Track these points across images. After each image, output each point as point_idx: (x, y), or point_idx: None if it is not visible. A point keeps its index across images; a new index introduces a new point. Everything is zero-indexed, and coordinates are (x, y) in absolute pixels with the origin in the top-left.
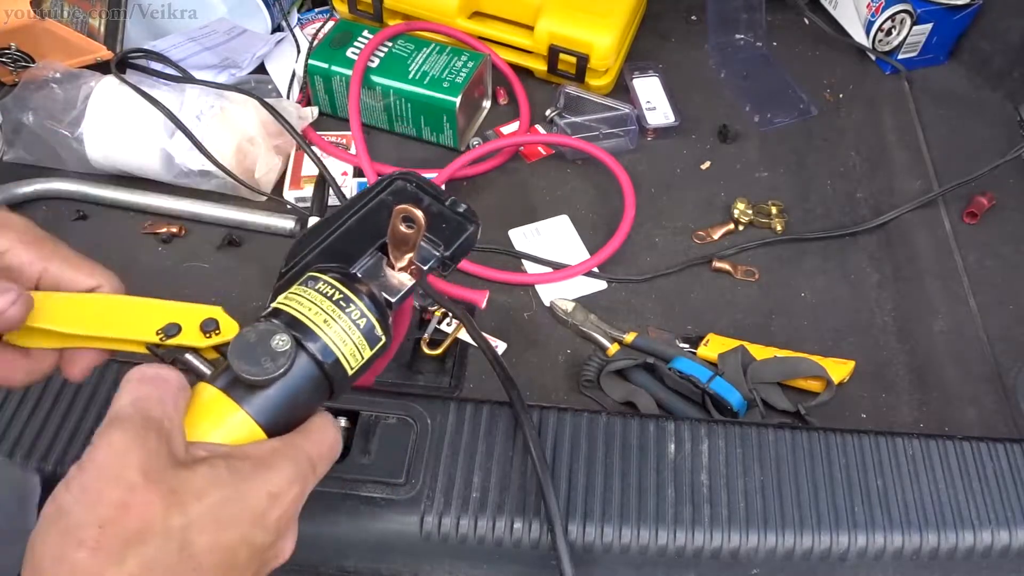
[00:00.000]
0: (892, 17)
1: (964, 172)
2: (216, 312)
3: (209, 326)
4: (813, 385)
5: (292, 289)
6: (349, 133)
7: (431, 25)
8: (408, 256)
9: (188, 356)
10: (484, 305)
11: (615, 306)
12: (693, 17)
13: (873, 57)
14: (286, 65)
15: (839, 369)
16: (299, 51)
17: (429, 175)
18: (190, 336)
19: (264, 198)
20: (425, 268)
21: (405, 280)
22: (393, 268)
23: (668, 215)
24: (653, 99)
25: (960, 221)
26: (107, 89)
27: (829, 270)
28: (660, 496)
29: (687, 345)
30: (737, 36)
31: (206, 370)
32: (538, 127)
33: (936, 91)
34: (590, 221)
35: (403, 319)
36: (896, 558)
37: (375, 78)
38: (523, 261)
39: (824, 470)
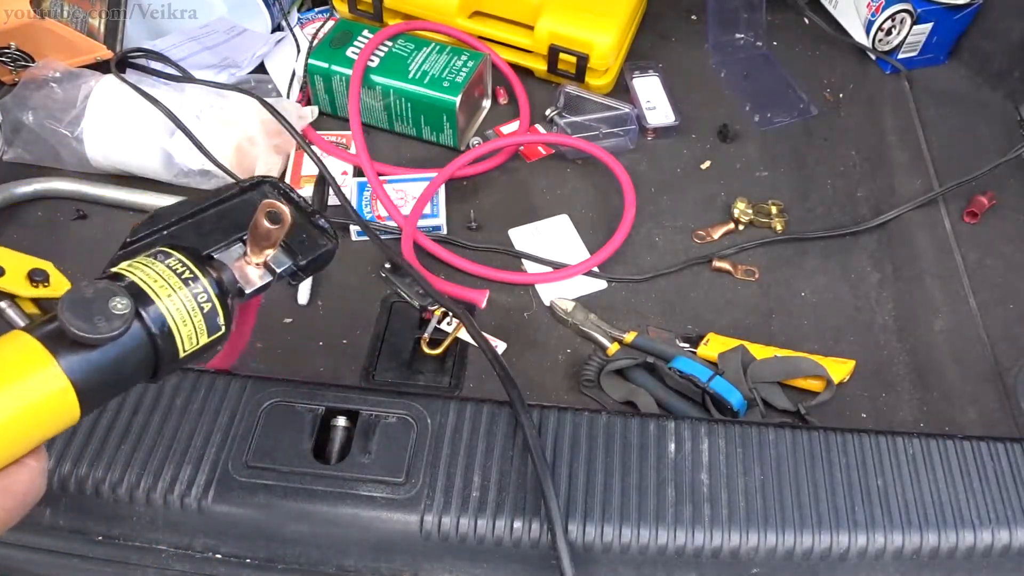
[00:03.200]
0: (892, 17)
1: (964, 171)
2: (47, 266)
3: (37, 276)
4: (813, 385)
5: (139, 258)
6: (349, 133)
7: (431, 24)
8: (267, 252)
9: (2, 304)
10: (484, 305)
11: (615, 306)
12: (693, 16)
13: (873, 57)
14: (286, 65)
15: (839, 368)
16: (299, 51)
17: (429, 175)
18: (13, 282)
19: None
20: (279, 271)
21: (257, 277)
22: (248, 263)
23: (668, 215)
24: (653, 99)
25: (960, 220)
26: (107, 88)
27: (829, 269)
28: (660, 495)
29: (687, 345)
30: (737, 36)
31: (20, 321)
32: (538, 127)
33: (936, 91)
34: (590, 221)
35: (247, 319)
36: (896, 558)
37: (375, 77)
38: (523, 261)
39: (824, 469)
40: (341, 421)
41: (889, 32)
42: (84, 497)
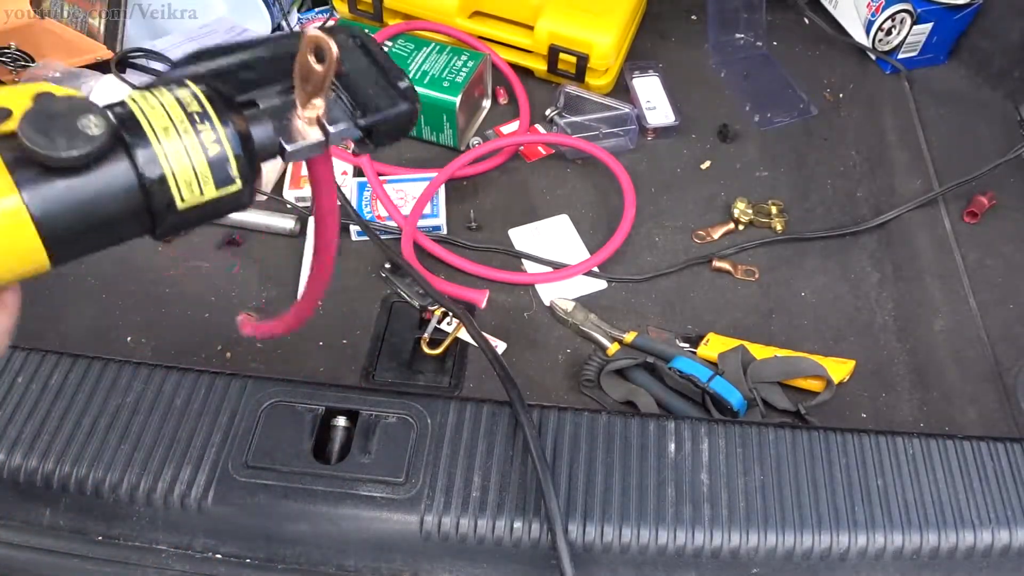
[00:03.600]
0: (892, 17)
1: (964, 171)
2: (50, 87)
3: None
4: (813, 384)
5: (143, 89)
6: None
7: (431, 24)
8: (316, 103)
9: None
10: (484, 305)
11: (615, 306)
12: (693, 17)
13: (873, 57)
14: None
15: (839, 368)
16: None
17: (429, 175)
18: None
19: (264, 197)
20: (333, 130)
21: (309, 133)
22: (300, 117)
23: (668, 215)
24: (653, 99)
25: (960, 220)
26: (107, 88)
27: (829, 269)
28: (660, 495)
29: (687, 345)
30: (737, 36)
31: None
32: (538, 127)
33: (936, 91)
34: (590, 221)
35: (324, 192)
36: (896, 558)
37: None
38: (523, 261)
39: (824, 469)
40: (341, 421)
41: (889, 32)
42: (84, 497)
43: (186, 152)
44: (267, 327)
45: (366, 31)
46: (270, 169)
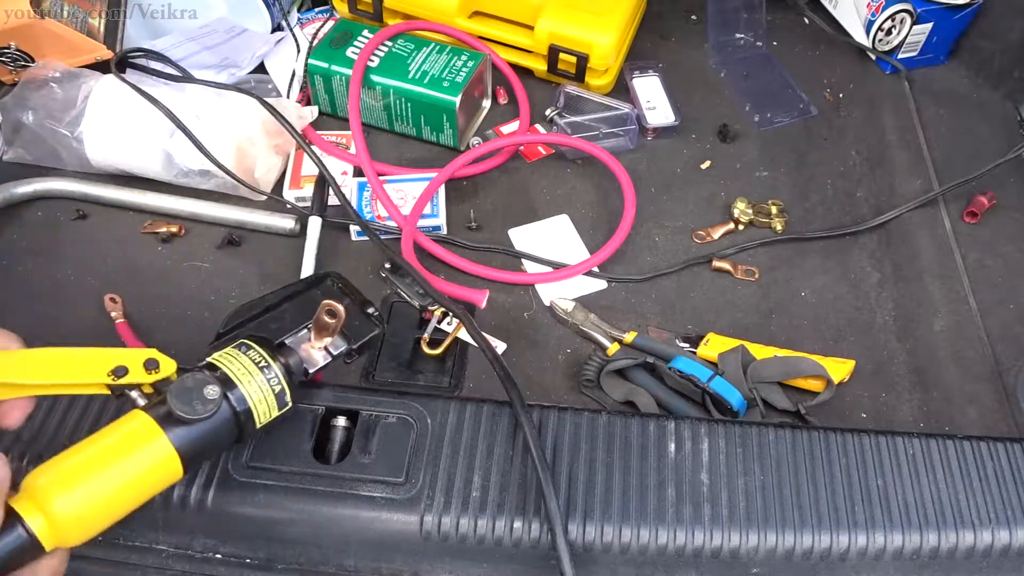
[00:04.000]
0: (892, 17)
1: (964, 171)
2: (154, 353)
3: (151, 365)
4: (813, 385)
5: (227, 350)
6: (349, 133)
7: (431, 24)
8: (326, 340)
9: (132, 392)
10: (484, 305)
11: (615, 305)
12: (693, 17)
13: (873, 57)
14: (286, 65)
15: (839, 368)
16: (299, 50)
17: (429, 174)
18: (136, 375)
19: (264, 197)
20: (335, 353)
21: (320, 358)
22: (313, 347)
23: (668, 215)
24: (653, 99)
25: (960, 220)
26: (107, 88)
27: (829, 269)
28: (660, 495)
29: (687, 344)
30: (737, 35)
31: (141, 402)
32: (538, 127)
33: (936, 91)
34: (590, 221)
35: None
36: (896, 558)
37: (375, 77)
38: (523, 261)
39: (824, 470)
40: (341, 421)
41: (889, 32)
42: None
43: (261, 392)
44: None
45: (341, 276)
46: (269, 169)
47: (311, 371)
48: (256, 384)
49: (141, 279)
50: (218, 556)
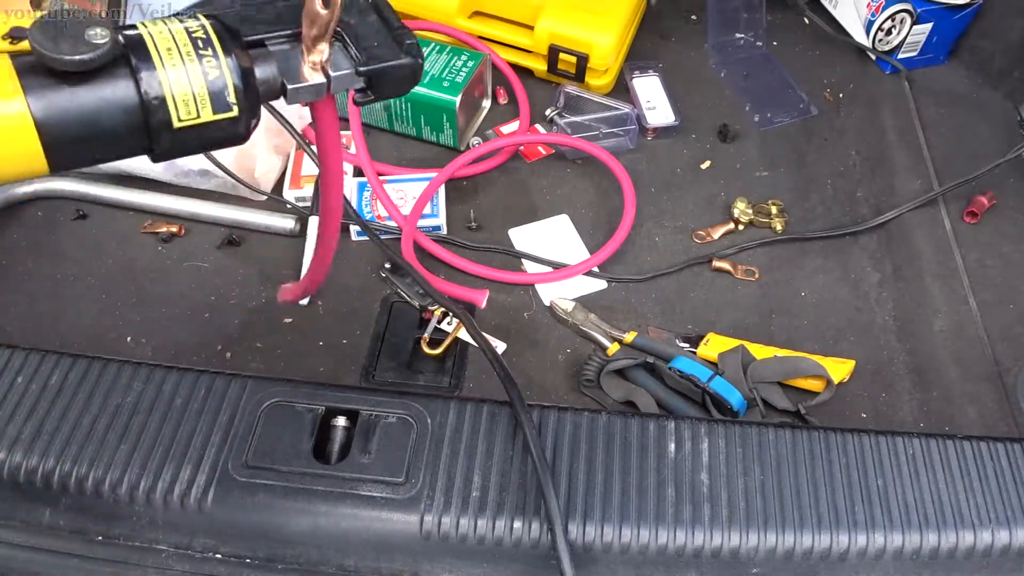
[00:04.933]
0: (892, 17)
1: (964, 171)
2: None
3: (16, 32)
4: (813, 384)
5: (165, 17)
6: (349, 133)
7: (431, 24)
8: (320, 46)
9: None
10: (484, 304)
11: (615, 305)
12: (693, 17)
13: (873, 57)
14: None
15: (839, 368)
16: None
17: (429, 175)
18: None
19: (264, 197)
20: (334, 75)
21: (312, 76)
22: (306, 62)
23: (668, 215)
24: (653, 99)
25: (960, 220)
26: None
27: (829, 269)
28: (660, 495)
29: (687, 344)
30: (737, 35)
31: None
32: (538, 127)
33: (936, 91)
34: (590, 221)
35: (326, 136)
36: (896, 557)
37: None
38: (523, 261)
39: (824, 469)
40: (341, 421)
41: (889, 32)
42: (84, 497)
43: (187, 75)
44: (299, 287)
45: None
46: (269, 169)
47: (291, 86)
48: (182, 64)
49: (141, 279)
50: (218, 556)
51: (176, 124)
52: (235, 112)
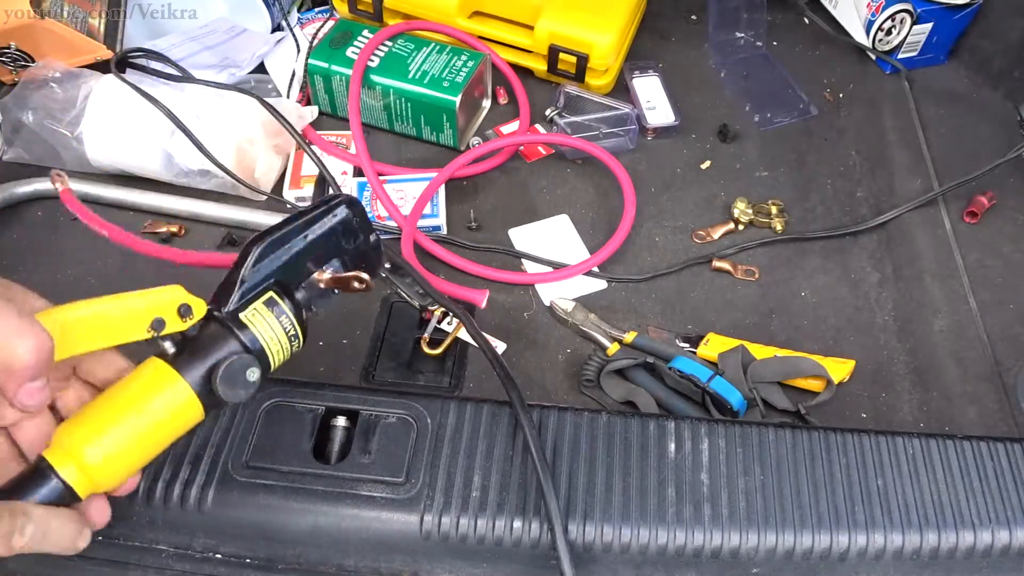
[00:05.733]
0: (892, 17)
1: (964, 171)
2: (185, 297)
3: (185, 312)
4: (813, 385)
5: (259, 309)
6: (349, 133)
7: (431, 24)
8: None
9: (165, 343)
10: (484, 305)
11: (615, 305)
12: (693, 16)
13: (873, 57)
14: (286, 65)
15: (839, 368)
16: (299, 50)
17: (429, 175)
18: (172, 324)
19: (264, 198)
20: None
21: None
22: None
23: (668, 214)
24: (653, 99)
25: (960, 220)
26: (107, 88)
27: (829, 269)
28: (660, 495)
29: (687, 344)
30: (737, 35)
31: (171, 350)
32: (538, 127)
33: (936, 90)
34: (590, 221)
35: None
36: (896, 558)
37: (375, 77)
38: (523, 261)
39: (824, 470)
40: (341, 421)
41: (889, 32)
42: None
43: (281, 346)
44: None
45: (359, 203)
46: (269, 169)
47: (318, 310)
48: (280, 343)
49: (142, 279)
50: (218, 556)
51: (272, 369)
52: (302, 344)
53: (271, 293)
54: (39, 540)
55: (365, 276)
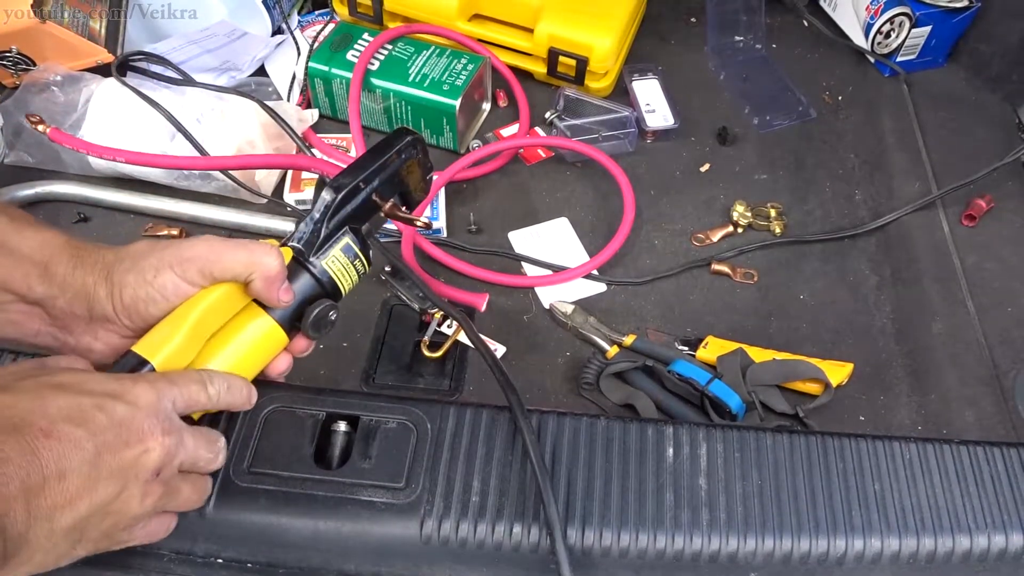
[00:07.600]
0: (891, 20)
1: (963, 174)
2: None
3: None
4: (812, 387)
5: (338, 257)
6: (349, 136)
7: (431, 27)
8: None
9: None
10: (484, 308)
11: (614, 308)
12: (692, 19)
13: (872, 59)
14: (286, 68)
15: (838, 371)
16: (299, 54)
17: None
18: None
19: (264, 201)
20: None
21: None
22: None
23: (667, 217)
24: (652, 101)
25: (959, 223)
26: (108, 92)
27: (828, 272)
28: (659, 500)
29: (686, 347)
30: (736, 38)
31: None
32: (538, 129)
33: (935, 93)
34: (589, 223)
35: None
36: (893, 562)
37: (375, 81)
38: (523, 264)
39: (822, 474)
40: (342, 426)
41: (888, 35)
42: None
43: (351, 280)
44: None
45: (422, 140)
46: (270, 172)
47: (377, 234)
48: (350, 279)
49: None
50: (219, 561)
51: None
52: (367, 270)
53: (347, 240)
54: (225, 390)
55: (422, 220)
